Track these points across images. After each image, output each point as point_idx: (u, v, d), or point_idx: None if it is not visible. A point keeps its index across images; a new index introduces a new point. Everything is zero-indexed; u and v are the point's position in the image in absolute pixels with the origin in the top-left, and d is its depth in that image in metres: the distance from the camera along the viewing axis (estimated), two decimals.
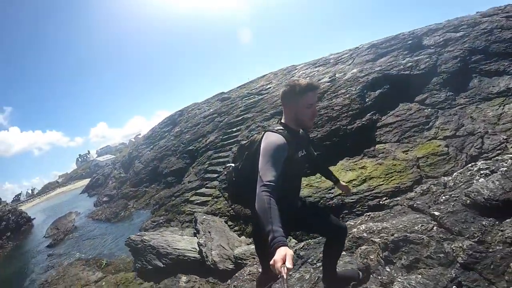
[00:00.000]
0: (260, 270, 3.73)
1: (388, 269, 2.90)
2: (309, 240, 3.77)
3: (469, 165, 3.93)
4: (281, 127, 2.34)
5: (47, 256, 14.75)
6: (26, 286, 11.37)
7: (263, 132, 2.33)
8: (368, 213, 4.13)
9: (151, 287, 6.53)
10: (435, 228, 2.99)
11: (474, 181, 3.50)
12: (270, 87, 18.68)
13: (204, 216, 8.69)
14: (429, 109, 8.98)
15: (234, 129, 15.65)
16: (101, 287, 7.05)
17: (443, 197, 3.41)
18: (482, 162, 3.85)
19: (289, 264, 1.51)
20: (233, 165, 2.55)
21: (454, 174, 3.91)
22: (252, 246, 6.63)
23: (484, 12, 12.96)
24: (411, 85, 10.14)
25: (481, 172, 3.62)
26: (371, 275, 2.96)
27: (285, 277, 1.46)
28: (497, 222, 2.85)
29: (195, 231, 8.27)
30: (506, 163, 3.52)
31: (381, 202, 6.55)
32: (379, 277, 2.88)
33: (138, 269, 7.27)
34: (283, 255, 1.56)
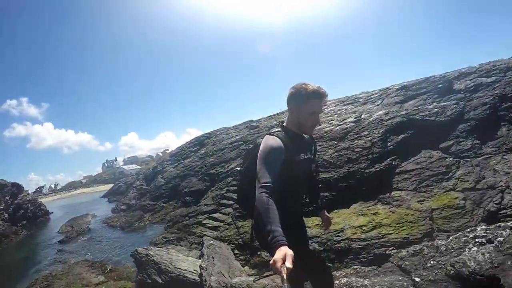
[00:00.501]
0: None
1: None
2: None
3: (468, 229, 3.89)
4: (279, 129, 2.39)
5: (57, 251, 15.25)
6: (31, 274, 11.74)
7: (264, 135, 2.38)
8: (354, 267, 4.15)
9: None
10: None
11: (467, 249, 3.42)
12: None
13: (212, 241, 8.82)
14: (451, 158, 8.82)
15: None
16: None
17: (431, 262, 3.40)
18: (482, 227, 3.82)
19: (289, 264, 1.53)
20: (238, 168, 2.61)
21: (450, 238, 3.87)
22: (251, 278, 6.70)
23: None
24: (437, 131, 10.00)
25: (477, 240, 3.56)
26: None
27: (285, 277, 1.48)
28: None
29: (200, 254, 8.41)
30: (505, 231, 3.47)
31: (387, 252, 6.35)
32: None
33: (138, 281, 7.46)
34: (283, 255, 1.57)
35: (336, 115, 15.24)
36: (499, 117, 9.65)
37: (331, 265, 6.72)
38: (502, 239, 3.36)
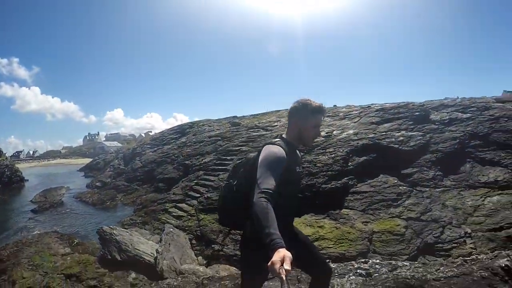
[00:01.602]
0: None
1: None
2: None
3: (362, 260, 4.44)
4: (279, 140, 2.41)
5: (28, 219, 15.90)
6: (1, 239, 12.42)
7: (261, 147, 2.36)
8: None
9: (104, 274, 7.47)
10: None
11: (346, 276, 3.76)
12: (276, 125, 19.38)
13: (171, 229, 9.66)
14: (404, 187, 9.15)
15: (228, 157, 16.33)
16: (66, 260, 8.03)
17: None
18: (374, 261, 4.18)
19: (287, 265, 1.53)
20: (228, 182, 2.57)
21: (342, 263, 4.41)
22: (197, 267, 7.62)
23: (500, 97, 13.47)
24: (399, 158, 10.40)
25: (359, 270, 3.86)
26: None
27: (284, 278, 1.48)
28: None
29: (159, 239, 9.23)
30: (385, 269, 3.80)
31: None
32: None
33: (99, 256, 8.27)
34: (281, 257, 1.58)
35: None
36: (466, 153, 10.01)
37: None
38: (377, 275, 3.74)
